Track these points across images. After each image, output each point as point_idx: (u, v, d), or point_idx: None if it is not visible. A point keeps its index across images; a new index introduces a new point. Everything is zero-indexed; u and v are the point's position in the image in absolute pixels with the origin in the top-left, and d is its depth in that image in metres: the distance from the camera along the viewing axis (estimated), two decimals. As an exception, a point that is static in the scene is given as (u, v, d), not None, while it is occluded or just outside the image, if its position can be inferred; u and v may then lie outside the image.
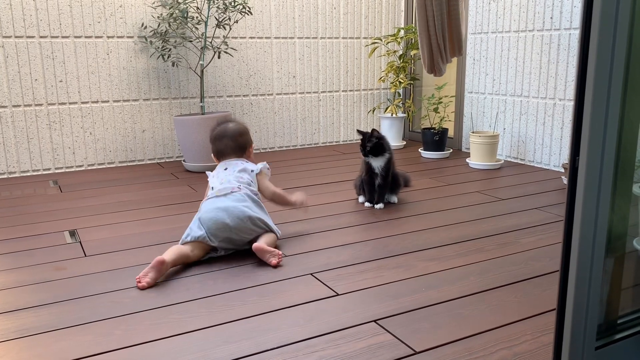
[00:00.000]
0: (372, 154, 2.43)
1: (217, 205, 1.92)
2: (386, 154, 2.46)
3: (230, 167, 2.10)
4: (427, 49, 3.26)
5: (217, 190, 1.99)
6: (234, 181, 2.02)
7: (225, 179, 2.04)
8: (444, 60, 3.31)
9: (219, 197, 1.96)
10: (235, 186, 1.99)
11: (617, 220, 1.08)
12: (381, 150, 2.43)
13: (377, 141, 2.42)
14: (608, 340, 1.11)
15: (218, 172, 2.10)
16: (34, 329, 1.44)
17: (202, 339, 1.38)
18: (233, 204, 1.92)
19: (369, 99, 4.27)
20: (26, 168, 3.27)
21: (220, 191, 1.98)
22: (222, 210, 1.89)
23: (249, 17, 3.71)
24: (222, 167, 2.12)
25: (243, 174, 2.07)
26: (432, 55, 3.27)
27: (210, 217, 1.88)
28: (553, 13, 3.08)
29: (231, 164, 2.12)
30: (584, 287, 1.00)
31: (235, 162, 2.13)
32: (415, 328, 1.41)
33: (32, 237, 2.17)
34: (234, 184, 2.00)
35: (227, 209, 1.89)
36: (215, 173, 2.11)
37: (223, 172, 2.09)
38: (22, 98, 3.19)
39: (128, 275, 1.77)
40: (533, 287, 1.65)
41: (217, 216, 1.88)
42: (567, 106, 3.08)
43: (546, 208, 2.46)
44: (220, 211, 1.89)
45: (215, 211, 1.89)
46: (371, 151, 2.42)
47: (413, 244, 2.03)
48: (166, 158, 3.64)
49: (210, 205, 1.93)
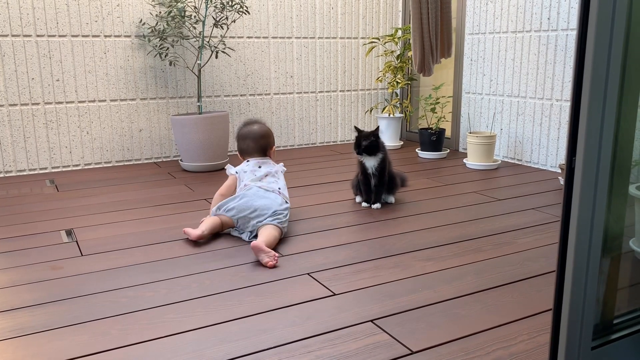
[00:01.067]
0: (366, 153, 2.43)
1: (258, 193, 2.14)
2: (379, 153, 2.45)
3: (265, 166, 2.29)
4: (420, 49, 3.26)
5: (260, 183, 2.21)
6: (274, 183, 2.24)
7: (264, 177, 2.25)
8: (434, 60, 3.32)
9: (261, 189, 2.18)
10: (277, 189, 2.22)
11: (613, 221, 1.08)
12: (375, 149, 2.43)
13: (373, 140, 2.42)
14: (604, 340, 1.11)
15: (252, 168, 2.28)
16: (30, 329, 1.43)
17: (198, 339, 1.37)
18: (273, 197, 2.15)
19: (367, 99, 4.27)
20: (23, 167, 3.26)
21: (263, 185, 2.20)
22: (261, 197, 2.13)
23: (247, 16, 3.71)
24: (255, 164, 2.30)
25: (278, 174, 2.31)
26: (423, 55, 3.28)
27: (253, 196, 2.12)
28: (550, 14, 3.09)
29: (264, 164, 2.31)
30: (580, 287, 1.00)
31: (266, 161, 2.33)
32: (412, 328, 1.41)
33: (28, 236, 2.16)
34: (275, 186, 2.22)
35: (266, 198, 2.13)
36: (248, 169, 2.28)
37: (258, 169, 2.27)
38: (19, 97, 3.18)
39: (124, 275, 1.77)
40: (529, 287, 1.65)
41: (254, 200, 2.11)
42: (564, 107, 3.09)
43: (543, 208, 2.46)
44: (258, 197, 2.12)
45: (254, 195, 2.13)
46: (366, 150, 2.42)
47: (410, 244, 2.03)
48: (163, 157, 3.64)
49: (253, 192, 2.15)
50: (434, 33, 3.17)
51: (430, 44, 3.19)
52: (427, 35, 3.18)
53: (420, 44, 3.23)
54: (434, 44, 3.19)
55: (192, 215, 2.41)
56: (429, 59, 3.26)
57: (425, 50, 3.23)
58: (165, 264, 1.86)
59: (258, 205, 2.10)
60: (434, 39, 3.18)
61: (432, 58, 3.27)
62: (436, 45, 3.21)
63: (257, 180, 2.23)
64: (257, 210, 2.09)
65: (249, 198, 2.11)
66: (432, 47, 3.21)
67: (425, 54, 3.24)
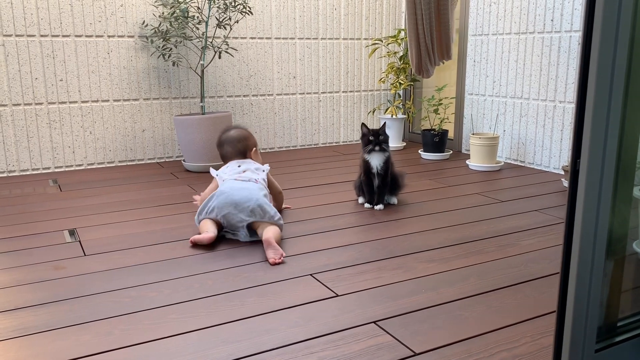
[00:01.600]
0: (381, 147, 2.44)
1: (235, 186, 2.12)
2: (387, 151, 2.47)
3: (244, 164, 2.32)
4: (416, 50, 3.26)
5: (237, 176, 2.21)
6: (253, 175, 2.25)
7: (242, 173, 2.26)
8: (432, 62, 3.32)
9: (238, 180, 2.18)
10: (253, 178, 2.22)
11: (618, 223, 1.08)
12: (387, 144, 2.47)
13: (386, 134, 2.48)
14: (608, 343, 1.10)
15: (232, 168, 2.30)
16: (33, 328, 1.43)
17: (201, 339, 1.37)
18: (251, 187, 2.13)
19: (369, 100, 4.27)
20: (26, 167, 3.26)
21: (241, 177, 2.21)
22: (237, 189, 2.10)
23: (250, 17, 3.71)
24: (236, 164, 2.33)
25: (259, 172, 2.31)
26: (420, 56, 3.28)
27: (225, 191, 2.10)
28: (554, 15, 3.08)
29: (245, 162, 2.34)
30: (584, 290, 1.00)
31: (247, 161, 2.36)
32: (415, 329, 1.41)
33: (31, 236, 2.17)
34: (252, 176, 2.23)
35: (242, 188, 2.11)
36: (228, 170, 2.30)
37: (237, 167, 2.30)
38: (22, 97, 3.19)
39: (127, 275, 1.77)
40: (533, 289, 1.65)
41: (230, 194, 2.08)
42: (567, 108, 3.08)
43: (546, 210, 2.46)
44: (235, 190, 2.09)
45: (230, 191, 2.10)
46: (384, 142, 2.45)
47: (413, 245, 2.02)
48: (166, 158, 3.64)
49: (229, 185, 2.14)
50: (429, 35, 3.16)
51: (427, 45, 3.19)
52: (423, 37, 3.18)
53: (416, 46, 3.23)
54: (429, 46, 3.19)
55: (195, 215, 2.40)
56: (426, 61, 3.26)
57: (421, 52, 3.23)
58: (168, 264, 1.86)
59: (238, 198, 2.06)
60: (429, 41, 3.18)
61: (430, 60, 3.27)
62: (432, 48, 3.21)
63: (234, 174, 2.24)
64: (238, 203, 2.05)
65: (227, 194, 2.08)
66: (429, 48, 3.20)
67: (422, 55, 3.24)
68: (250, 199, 2.06)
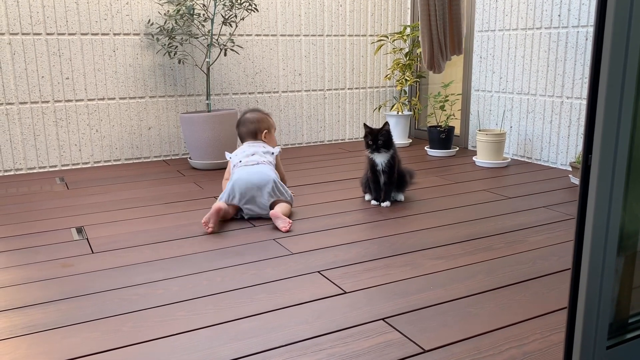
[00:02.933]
0: (382, 149, 2.43)
1: (248, 170, 2.33)
2: (390, 150, 2.45)
3: (254, 147, 2.52)
4: (428, 45, 3.25)
5: (245, 162, 2.41)
6: (258, 158, 2.44)
7: (250, 155, 2.45)
8: (444, 57, 3.30)
9: (248, 165, 2.38)
10: (261, 160, 2.43)
11: (629, 219, 1.07)
12: (388, 145, 2.44)
13: (386, 135, 2.44)
14: (619, 340, 1.10)
15: (243, 150, 2.51)
16: (42, 326, 1.44)
17: (210, 337, 1.37)
18: (262, 169, 2.35)
19: (375, 97, 4.26)
20: (33, 165, 3.27)
21: (249, 162, 2.40)
22: (254, 172, 2.31)
23: (255, 14, 3.71)
24: (247, 146, 2.55)
25: (267, 155, 2.50)
26: (432, 52, 3.27)
27: (242, 177, 2.29)
28: (561, 10, 3.06)
29: (255, 145, 2.54)
30: (595, 286, 0.99)
31: (257, 143, 2.57)
32: (424, 326, 1.41)
33: (39, 234, 2.17)
34: (260, 159, 2.43)
35: (258, 172, 2.32)
36: (239, 151, 2.51)
37: (248, 149, 2.51)
38: (29, 95, 3.20)
39: (135, 272, 1.77)
40: (541, 286, 1.64)
41: (249, 177, 2.29)
42: (574, 104, 3.07)
43: (554, 207, 2.45)
44: (251, 174, 2.31)
45: (247, 174, 2.30)
46: (383, 145, 2.42)
47: (420, 242, 2.02)
48: (172, 155, 3.64)
49: (242, 170, 2.34)
50: (442, 30, 3.15)
51: (439, 40, 3.18)
52: (436, 32, 3.16)
53: (429, 41, 3.22)
54: (442, 41, 3.18)
55: (202, 213, 2.41)
56: (439, 56, 3.25)
57: (434, 47, 3.22)
58: (176, 262, 1.86)
59: (257, 180, 2.29)
60: (442, 36, 3.17)
61: (442, 55, 3.26)
62: (445, 42, 3.20)
63: (244, 157, 2.45)
64: (260, 185, 2.29)
65: (245, 179, 2.29)
66: (441, 43, 3.19)
67: (434, 50, 3.23)
68: (268, 180, 2.30)
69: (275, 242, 2.04)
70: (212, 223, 2.14)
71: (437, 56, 3.26)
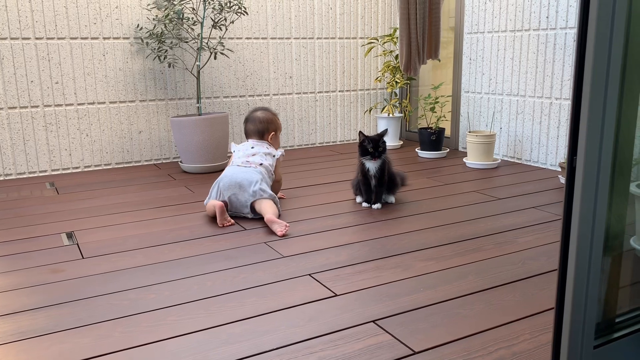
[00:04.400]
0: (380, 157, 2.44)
1: (236, 171, 2.41)
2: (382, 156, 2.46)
3: (257, 147, 2.57)
4: (407, 48, 3.28)
5: (241, 162, 2.48)
6: (259, 159, 2.50)
7: (251, 155, 2.52)
8: (420, 60, 3.33)
9: (240, 167, 2.45)
10: (257, 163, 2.48)
11: (615, 219, 1.08)
12: (385, 150, 2.46)
13: (385, 143, 2.46)
14: (606, 339, 1.11)
15: (245, 148, 2.57)
16: (32, 332, 1.43)
17: (201, 341, 1.37)
18: (250, 172, 2.39)
19: (366, 99, 4.28)
20: (22, 170, 3.26)
21: (244, 163, 2.48)
22: (240, 172, 2.39)
23: (245, 17, 3.71)
24: (250, 144, 2.60)
25: (268, 156, 2.55)
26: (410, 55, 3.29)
27: (227, 175, 2.39)
28: (549, 12, 3.09)
29: (258, 145, 2.59)
30: (582, 286, 1.00)
31: (262, 143, 2.61)
32: (414, 328, 1.41)
33: (28, 239, 2.16)
34: (256, 161, 2.49)
35: (244, 172, 2.39)
36: (242, 147, 2.58)
37: (250, 149, 2.56)
38: (18, 100, 3.18)
39: (126, 277, 1.77)
40: (531, 286, 1.65)
41: (233, 176, 2.37)
42: (563, 105, 3.09)
43: (543, 207, 2.46)
44: (237, 173, 2.38)
45: (232, 174, 2.38)
46: (383, 151, 2.45)
47: (411, 244, 2.03)
48: (163, 159, 3.64)
49: (231, 170, 2.43)
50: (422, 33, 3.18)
51: (417, 44, 3.20)
52: (415, 35, 3.19)
53: (407, 44, 3.24)
54: (420, 44, 3.20)
55: (193, 216, 2.41)
56: (415, 59, 3.28)
57: (412, 50, 3.24)
58: (167, 266, 1.86)
59: (240, 179, 2.36)
60: (421, 40, 3.19)
61: (419, 58, 3.28)
62: (423, 46, 3.23)
63: (243, 157, 2.51)
64: (242, 185, 2.35)
65: (230, 177, 2.38)
66: (419, 47, 3.22)
67: (411, 54, 3.25)
68: (251, 182, 2.34)
69: (266, 245, 2.04)
70: (226, 220, 2.27)
71: (414, 59, 3.29)
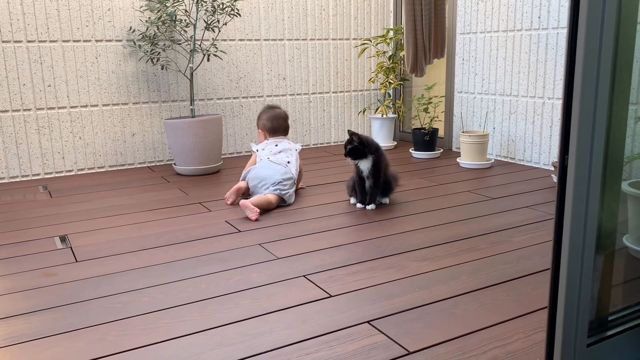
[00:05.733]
0: (350, 156, 2.45)
1: (265, 165, 2.62)
2: (370, 157, 2.45)
3: (281, 145, 2.75)
4: (413, 49, 3.28)
5: (272, 157, 2.67)
6: (288, 157, 2.69)
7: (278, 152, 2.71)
8: (427, 60, 3.33)
9: (271, 162, 2.64)
10: (286, 161, 2.67)
11: (607, 218, 1.09)
12: (360, 154, 2.44)
13: (356, 145, 2.43)
14: (599, 337, 1.11)
15: (270, 146, 2.75)
16: (25, 336, 1.42)
17: (195, 343, 1.37)
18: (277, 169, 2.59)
19: (359, 100, 4.28)
20: (15, 174, 3.24)
21: (275, 158, 2.67)
22: (266, 168, 2.60)
23: (238, 19, 3.71)
24: (273, 143, 2.77)
25: (292, 151, 2.73)
26: (416, 56, 3.29)
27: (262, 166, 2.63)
28: (541, 12, 3.10)
29: (281, 143, 2.77)
30: (575, 285, 1.01)
31: (284, 140, 2.79)
32: (408, 328, 1.41)
33: (22, 243, 2.15)
34: (285, 159, 2.67)
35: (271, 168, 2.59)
36: (266, 147, 2.75)
37: (274, 147, 2.75)
38: (10, 103, 3.17)
39: (119, 280, 1.76)
40: (525, 286, 1.66)
41: (264, 173, 2.58)
42: (555, 105, 3.10)
43: (536, 206, 2.47)
44: (264, 169, 2.60)
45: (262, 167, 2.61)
46: (350, 153, 2.45)
47: (405, 245, 2.03)
48: (156, 161, 3.63)
49: (264, 163, 2.64)
50: (428, 34, 3.18)
51: (424, 44, 3.20)
52: (421, 36, 3.19)
53: (413, 45, 3.24)
54: (427, 45, 3.21)
55: (187, 219, 2.40)
56: (422, 60, 3.28)
57: (418, 51, 3.24)
58: (161, 269, 1.85)
59: (263, 175, 2.57)
60: (427, 40, 3.20)
61: (425, 59, 3.28)
62: (429, 46, 3.23)
63: (271, 155, 2.70)
64: (263, 180, 2.56)
65: (257, 170, 2.61)
66: (426, 47, 3.22)
67: (418, 54, 3.26)
68: (272, 177, 2.55)
69: (261, 247, 2.04)
70: (232, 199, 2.56)
71: (420, 60, 3.29)
